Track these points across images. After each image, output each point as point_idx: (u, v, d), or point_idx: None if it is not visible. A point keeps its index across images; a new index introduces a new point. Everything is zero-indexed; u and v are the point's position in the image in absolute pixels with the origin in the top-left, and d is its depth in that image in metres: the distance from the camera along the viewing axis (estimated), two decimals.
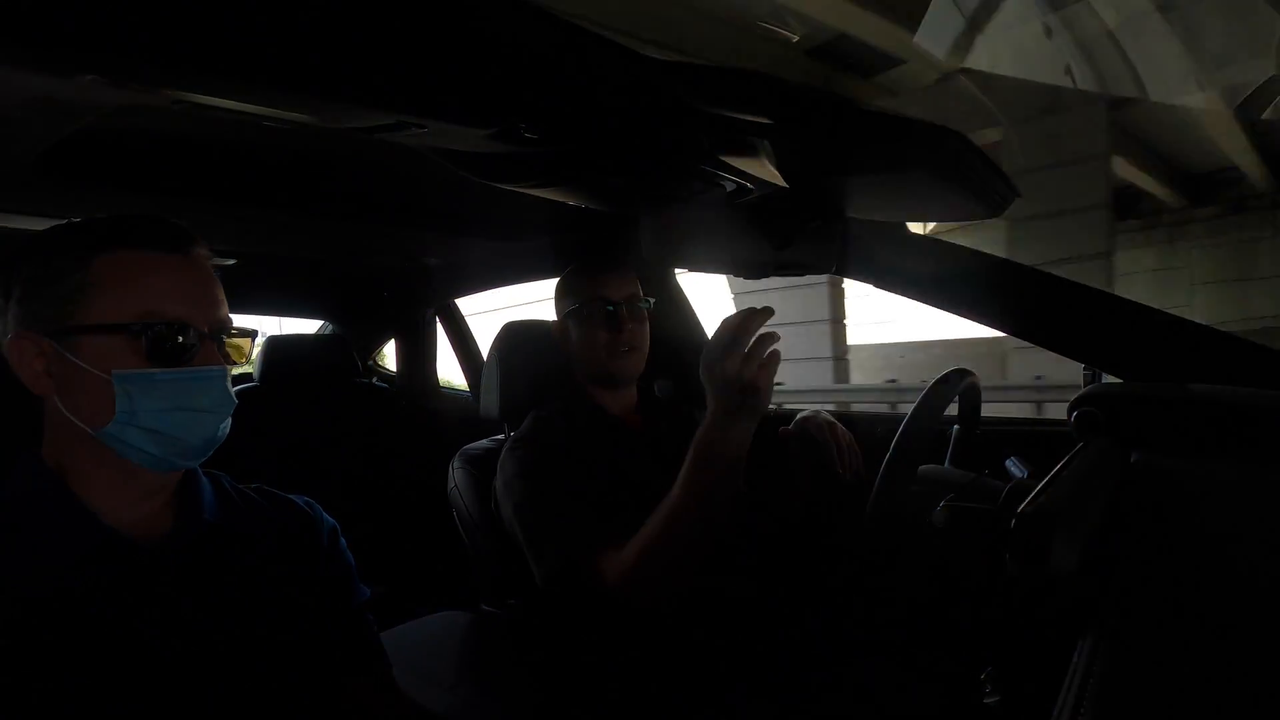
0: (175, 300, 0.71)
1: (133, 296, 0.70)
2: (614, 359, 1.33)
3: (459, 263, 1.95)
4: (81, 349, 0.69)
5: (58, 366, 0.70)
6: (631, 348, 1.34)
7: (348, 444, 2.37)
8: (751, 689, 1.09)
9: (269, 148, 1.00)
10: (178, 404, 0.71)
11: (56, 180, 0.96)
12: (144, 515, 0.75)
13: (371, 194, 1.29)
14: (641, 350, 1.36)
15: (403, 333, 2.65)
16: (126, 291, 0.70)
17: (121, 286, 0.70)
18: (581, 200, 1.11)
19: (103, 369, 0.69)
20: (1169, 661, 0.39)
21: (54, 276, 0.69)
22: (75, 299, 0.69)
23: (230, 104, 0.65)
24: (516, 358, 1.42)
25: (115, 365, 0.69)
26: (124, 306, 0.69)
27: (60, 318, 0.69)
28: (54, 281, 0.69)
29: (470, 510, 1.32)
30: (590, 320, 1.33)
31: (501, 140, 0.77)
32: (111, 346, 0.69)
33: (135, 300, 0.70)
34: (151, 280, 0.71)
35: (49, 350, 0.69)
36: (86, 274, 0.70)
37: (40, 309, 0.70)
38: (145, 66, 0.54)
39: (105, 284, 0.70)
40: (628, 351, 1.34)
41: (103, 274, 0.70)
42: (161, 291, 0.71)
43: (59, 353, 0.69)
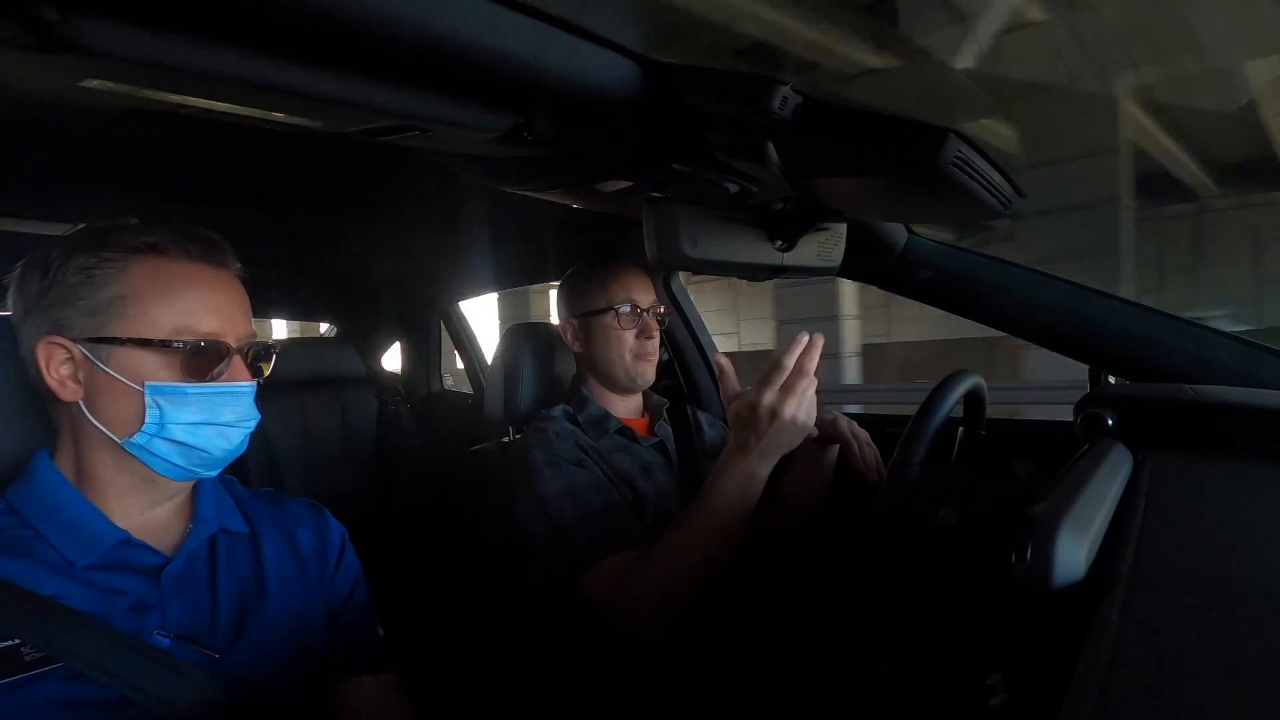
0: (209, 315, 0.72)
1: (169, 310, 0.70)
2: (638, 364, 1.33)
3: (462, 266, 1.95)
4: (115, 359, 0.69)
5: (88, 374, 0.70)
6: (654, 354, 1.35)
7: (353, 447, 2.38)
8: (751, 691, 1.08)
9: (275, 151, 1.01)
10: (206, 418, 0.72)
11: (64, 184, 0.97)
12: (157, 520, 0.76)
13: (376, 198, 1.29)
14: (657, 356, 1.37)
15: (407, 335, 2.66)
16: (162, 305, 0.70)
17: (157, 300, 0.70)
18: (584, 203, 1.12)
19: (135, 380, 0.69)
20: (1176, 664, 0.39)
21: (90, 285, 0.70)
22: (111, 309, 0.69)
23: (236, 109, 0.65)
24: (522, 360, 1.42)
25: (148, 378, 0.70)
26: (160, 321, 0.70)
27: (95, 327, 0.69)
28: (90, 290, 0.70)
29: (475, 512, 1.32)
30: (618, 324, 1.32)
31: (504, 143, 0.77)
32: (146, 359, 0.70)
33: (171, 314, 0.70)
34: (187, 294, 0.72)
35: (80, 357, 0.70)
36: (123, 284, 0.70)
37: (74, 316, 0.70)
38: (152, 72, 0.55)
39: (142, 296, 0.70)
40: (650, 357, 1.34)
41: (139, 285, 0.70)
42: (196, 306, 0.72)
43: (90, 361, 0.70)
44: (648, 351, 1.34)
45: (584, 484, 1.17)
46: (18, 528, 0.69)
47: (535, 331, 1.46)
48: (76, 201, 1.04)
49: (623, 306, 1.32)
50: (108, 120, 0.77)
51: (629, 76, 0.68)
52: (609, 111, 0.73)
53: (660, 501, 1.26)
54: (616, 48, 0.65)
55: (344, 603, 0.87)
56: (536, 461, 1.20)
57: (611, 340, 1.33)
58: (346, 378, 2.43)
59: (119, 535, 0.71)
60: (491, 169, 0.95)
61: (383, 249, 1.63)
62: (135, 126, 0.81)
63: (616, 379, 1.35)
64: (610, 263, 1.39)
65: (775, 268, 1.03)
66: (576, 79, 0.65)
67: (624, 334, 1.32)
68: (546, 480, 1.18)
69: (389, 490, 2.39)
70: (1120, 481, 0.73)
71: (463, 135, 0.75)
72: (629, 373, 1.34)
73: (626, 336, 1.33)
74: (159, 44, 0.51)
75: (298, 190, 1.20)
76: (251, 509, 0.85)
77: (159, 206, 1.09)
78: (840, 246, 1.14)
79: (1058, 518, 0.56)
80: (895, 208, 0.99)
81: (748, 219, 0.98)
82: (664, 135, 0.81)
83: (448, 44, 0.55)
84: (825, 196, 0.88)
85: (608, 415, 1.33)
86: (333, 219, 1.28)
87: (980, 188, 0.77)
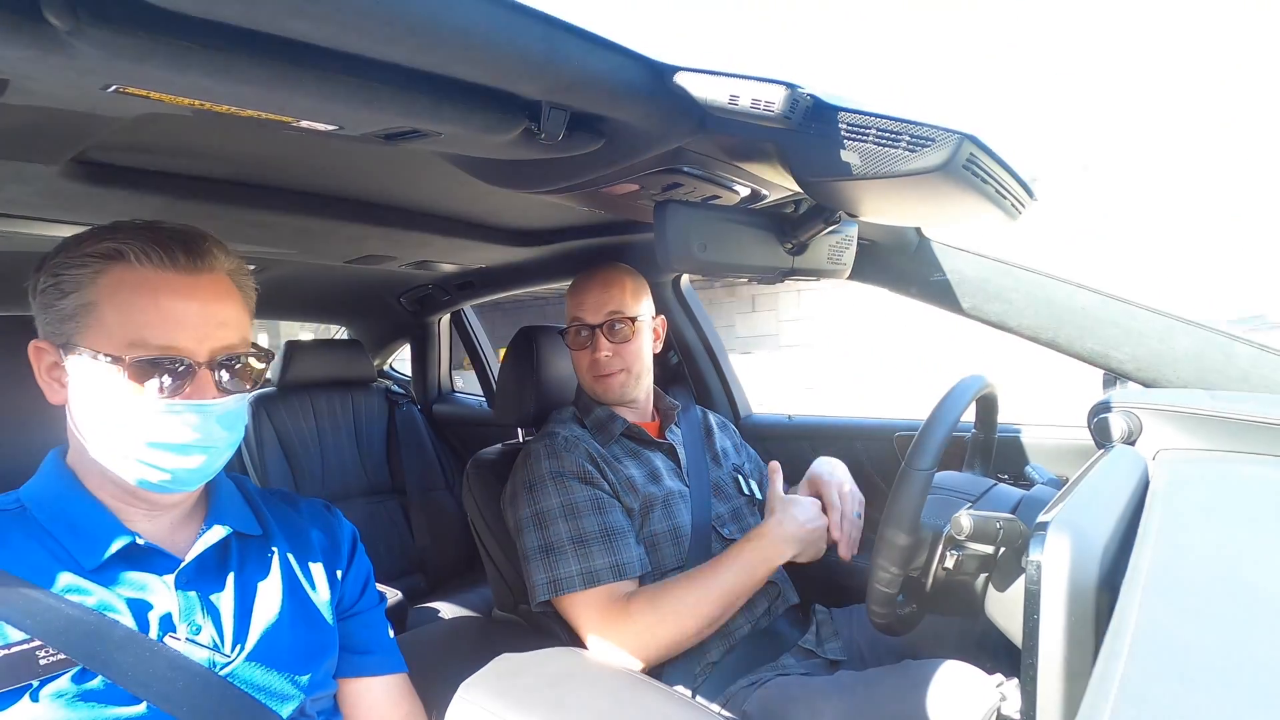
0: (169, 328, 0.68)
1: (124, 322, 0.67)
2: (596, 381, 1.32)
3: (472, 268, 1.96)
4: (79, 369, 0.68)
5: (69, 379, 0.70)
6: (612, 371, 1.30)
7: (364, 447, 2.39)
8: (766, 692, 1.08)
9: (287, 154, 1.01)
10: (164, 436, 0.68)
11: (82, 187, 0.98)
12: (168, 522, 0.76)
13: (387, 199, 1.30)
14: (631, 369, 1.32)
15: (417, 338, 2.67)
16: (119, 316, 0.67)
17: (115, 310, 0.67)
18: (594, 206, 1.12)
19: (96, 392, 0.68)
20: (1190, 668, 0.39)
21: (58, 291, 0.69)
22: (76, 317, 0.68)
23: (250, 112, 0.66)
24: (531, 363, 1.42)
25: (107, 392, 0.67)
26: (115, 333, 0.67)
27: (65, 334, 0.69)
28: (57, 296, 0.69)
29: (484, 514, 1.32)
30: (572, 343, 1.33)
31: (515, 147, 0.77)
32: (102, 372, 0.67)
33: (126, 327, 0.67)
34: (147, 304, 0.67)
35: (61, 362, 0.70)
36: (87, 292, 0.68)
37: (49, 321, 0.70)
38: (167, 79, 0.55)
39: (103, 305, 0.67)
40: (608, 376, 1.30)
41: (102, 294, 0.68)
42: (154, 318, 0.67)
43: (62, 368, 0.70)
44: (601, 370, 1.30)
45: (584, 503, 1.17)
46: (30, 526, 0.70)
47: (545, 334, 1.46)
48: (95, 203, 1.05)
49: (573, 324, 1.32)
50: (124, 122, 0.78)
51: (640, 79, 0.68)
52: (620, 113, 0.73)
53: (668, 506, 1.26)
54: (627, 51, 0.65)
55: (355, 604, 0.88)
56: (541, 473, 1.20)
57: (574, 356, 1.34)
58: (357, 379, 2.45)
59: (129, 537, 0.71)
60: (503, 172, 0.95)
61: (394, 252, 1.63)
62: (151, 128, 0.82)
63: (589, 392, 1.35)
64: (586, 272, 1.36)
65: (785, 270, 1.02)
66: (588, 82, 0.65)
67: (578, 354, 1.32)
68: (548, 494, 1.18)
69: (397, 491, 2.41)
70: (1133, 487, 0.72)
71: (474, 138, 0.75)
72: (591, 389, 1.34)
73: (581, 356, 1.32)
74: (173, 52, 0.52)
75: (311, 193, 1.21)
76: (264, 510, 0.85)
77: (174, 208, 1.10)
78: (851, 250, 1.13)
79: (1071, 523, 0.55)
80: (907, 211, 0.98)
81: (758, 221, 0.98)
82: (674, 138, 0.81)
83: (460, 47, 0.56)
84: (836, 200, 0.88)
85: (614, 417, 1.33)
86: (345, 222, 1.28)
87: (994, 191, 0.77)
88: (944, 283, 1.30)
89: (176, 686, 0.68)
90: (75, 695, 0.64)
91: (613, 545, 1.14)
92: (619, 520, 1.18)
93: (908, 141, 0.69)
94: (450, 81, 0.64)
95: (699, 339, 1.90)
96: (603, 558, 1.13)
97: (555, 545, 1.14)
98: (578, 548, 1.13)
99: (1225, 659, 0.40)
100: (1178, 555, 0.54)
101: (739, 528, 1.33)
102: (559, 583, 1.12)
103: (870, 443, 1.68)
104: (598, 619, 1.10)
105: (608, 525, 1.16)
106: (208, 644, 0.72)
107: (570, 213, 1.35)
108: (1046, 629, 0.52)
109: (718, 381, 1.92)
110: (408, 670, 0.90)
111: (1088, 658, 0.51)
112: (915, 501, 0.85)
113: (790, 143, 0.75)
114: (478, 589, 2.15)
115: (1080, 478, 0.75)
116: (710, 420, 1.51)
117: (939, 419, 0.91)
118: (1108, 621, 0.46)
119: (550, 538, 1.15)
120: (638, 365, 1.33)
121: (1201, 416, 0.89)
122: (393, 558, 2.25)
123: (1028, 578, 0.54)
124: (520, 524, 1.20)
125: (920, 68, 34.87)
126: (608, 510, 1.18)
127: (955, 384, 0.99)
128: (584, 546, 1.13)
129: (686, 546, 1.24)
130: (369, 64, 0.59)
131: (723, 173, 0.98)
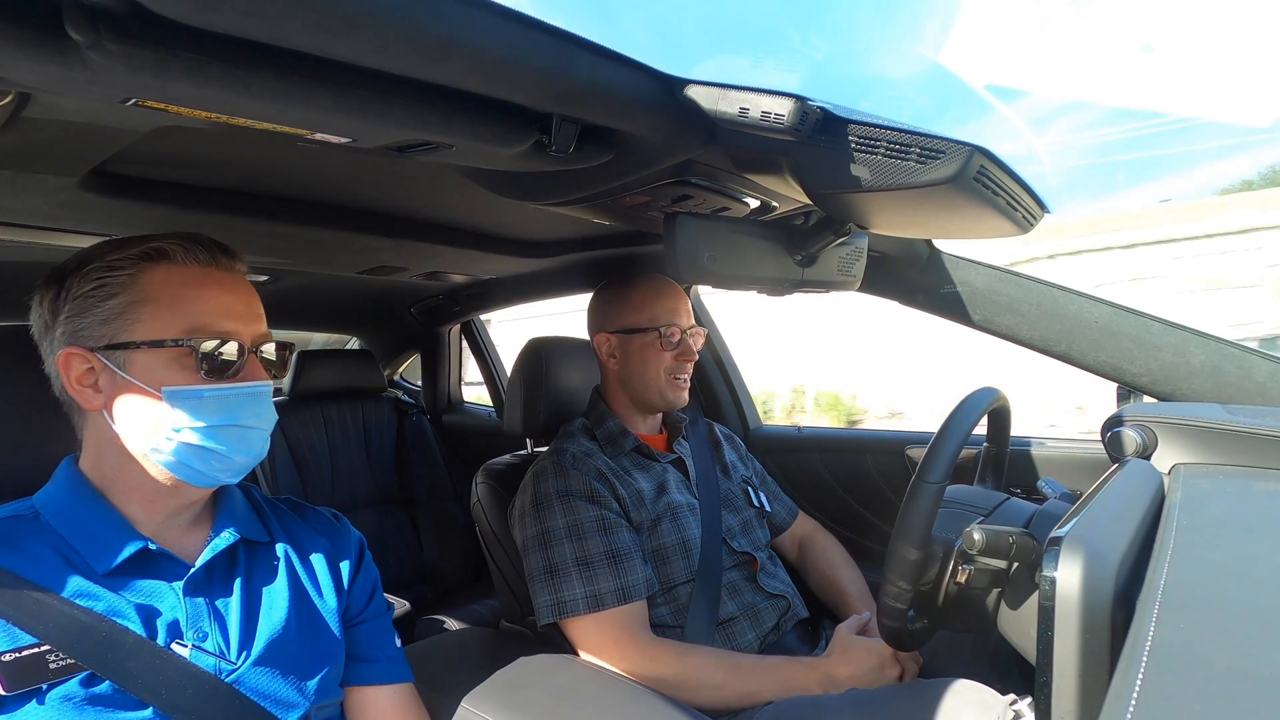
0: (221, 316, 0.73)
1: (180, 313, 0.71)
2: (672, 388, 1.33)
3: (483, 279, 1.97)
4: (133, 365, 0.71)
5: (108, 382, 0.71)
6: (688, 377, 1.35)
7: (373, 457, 2.40)
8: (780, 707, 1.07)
9: (300, 167, 1.03)
10: (226, 420, 0.72)
11: (99, 198, 0.99)
12: (179, 528, 0.77)
13: (398, 211, 1.31)
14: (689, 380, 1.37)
15: (427, 348, 2.69)
16: (174, 308, 0.71)
17: (169, 303, 0.72)
18: (605, 218, 1.12)
19: (153, 385, 0.70)
20: (1207, 686, 0.38)
21: (103, 293, 0.71)
22: (125, 315, 0.71)
23: (265, 125, 0.67)
24: (540, 374, 1.43)
25: (164, 382, 0.70)
26: (173, 322, 0.71)
27: (110, 334, 0.71)
28: (104, 298, 0.71)
29: (492, 525, 1.32)
30: (659, 344, 1.31)
31: (526, 159, 0.78)
32: (161, 363, 0.71)
33: (183, 316, 0.71)
34: (198, 295, 0.73)
35: (99, 366, 0.71)
36: (134, 291, 0.71)
37: (89, 325, 0.71)
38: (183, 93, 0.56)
39: (153, 300, 0.71)
40: (685, 381, 1.34)
41: (151, 290, 0.72)
42: (206, 307, 0.73)
43: (109, 369, 0.71)
44: (684, 374, 1.34)
45: (589, 524, 1.17)
46: (43, 532, 0.71)
47: (554, 345, 1.46)
48: (111, 214, 1.07)
49: (667, 328, 1.31)
50: (141, 134, 0.79)
51: (650, 92, 0.69)
52: (630, 126, 0.74)
53: (677, 518, 1.25)
54: (637, 64, 0.66)
55: (361, 611, 0.88)
56: (548, 491, 1.20)
57: (650, 360, 1.32)
58: (368, 389, 2.46)
59: (140, 543, 0.72)
60: (514, 183, 0.96)
61: (404, 263, 1.65)
62: (168, 141, 0.83)
63: (649, 399, 1.34)
64: (652, 279, 1.37)
65: (795, 282, 1.02)
66: (598, 95, 0.66)
67: (664, 355, 1.32)
68: (554, 513, 1.18)
69: (407, 501, 2.41)
70: (1148, 501, 0.71)
71: (485, 150, 0.76)
72: (663, 395, 1.33)
73: (666, 358, 1.32)
74: (192, 66, 0.52)
75: (323, 205, 1.22)
76: (272, 517, 0.85)
77: (189, 220, 1.11)
78: (861, 262, 1.13)
79: (1085, 539, 0.55)
80: (917, 224, 0.98)
81: (768, 233, 0.98)
82: (684, 150, 0.81)
83: (473, 62, 0.56)
84: (846, 212, 0.88)
85: (625, 432, 1.33)
86: (357, 233, 1.30)
87: (1004, 203, 0.77)
88: (954, 295, 1.30)
89: (185, 694, 0.68)
90: (83, 699, 0.65)
91: (618, 567, 1.14)
92: (625, 541, 1.17)
93: (918, 154, 0.69)
94: (462, 94, 0.64)
95: (709, 351, 1.90)
96: (608, 581, 1.12)
97: (560, 567, 1.14)
98: (582, 570, 1.13)
99: (1243, 676, 0.39)
100: (1194, 571, 0.53)
101: (749, 540, 1.33)
102: (563, 605, 1.12)
103: (881, 456, 1.67)
104: (601, 643, 1.10)
105: (614, 546, 1.15)
106: (214, 651, 0.72)
107: (580, 225, 1.35)
108: (1060, 646, 0.51)
109: (728, 394, 1.92)
110: (414, 680, 0.90)
111: (1103, 675, 0.50)
112: (926, 515, 0.85)
113: (800, 155, 0.75)
114: (485, 600, 2.15)
115: (1094, 492, 0.74)
116: (717, 433, 1.51)
117: (951, 431, 0.90)
118: (1123, 638, 0.45)
119: (555, 559, 1.15)
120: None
121: (1217, 431, 0.88)
122: (401, 568, 2.26)
123: (1041, 593, 0.54)
124: (526, 543, 1.19)
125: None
126: (614, 531, 1.17)
127: (967, 396, 0.98)
128: (589, 569, 1.13)
129: (696, 559, 1.23)
130: (382, 78, 0.59)
131: (733, 185, 0.98)
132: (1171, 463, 0.90)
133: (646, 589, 1.15)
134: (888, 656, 1.11)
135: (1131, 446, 0.94)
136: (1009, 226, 0.84)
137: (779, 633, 1.25)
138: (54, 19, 0.48)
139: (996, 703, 0.91)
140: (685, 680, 1.07)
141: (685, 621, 1.18)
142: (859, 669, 1.09)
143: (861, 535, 1.67)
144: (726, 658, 1.11)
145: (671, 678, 1.07)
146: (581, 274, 1.74)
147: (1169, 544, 0.57)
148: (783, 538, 1.51)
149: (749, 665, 1.10)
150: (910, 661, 1.13)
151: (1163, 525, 0.63)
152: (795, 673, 1.09)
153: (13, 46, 0.49)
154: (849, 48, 3.00)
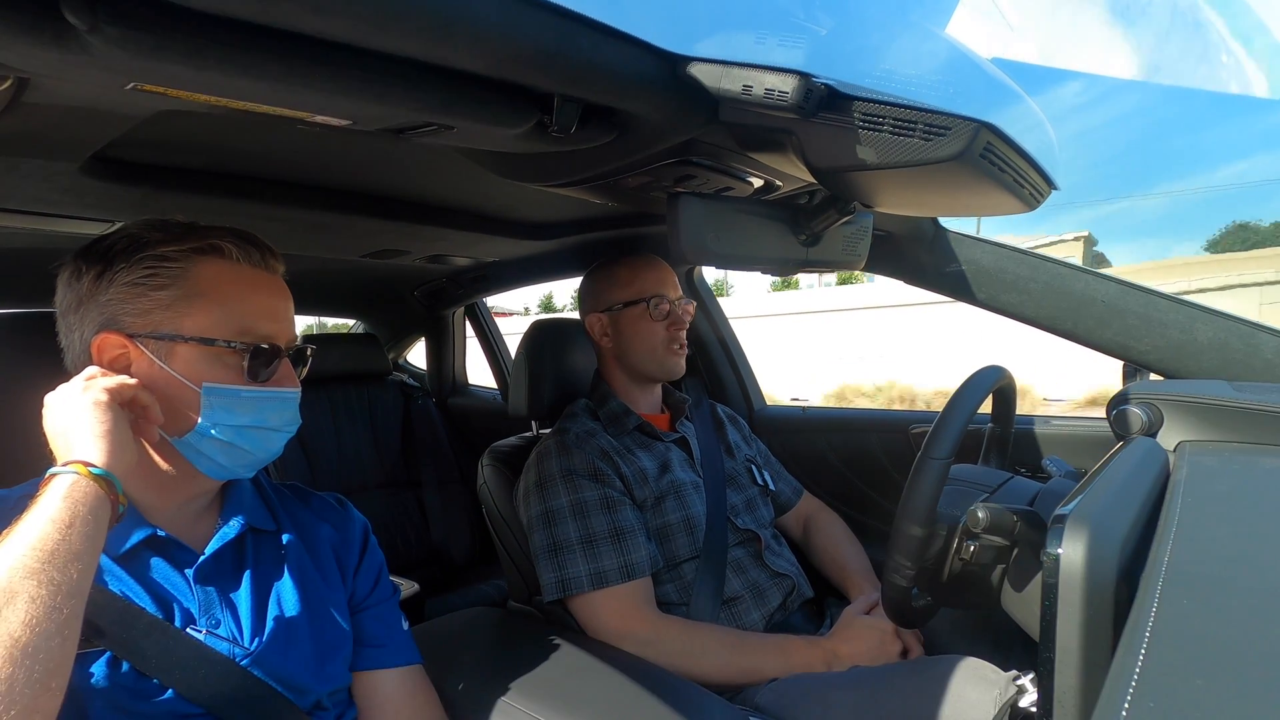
0: (267, 319, 0.75)
1: (232, 312, 0.72)
2: (670, 356, 1.35)
3: (486, 262, 1.97)
4: (175, 357, 0.71)
5: (142, 369, 0.71)
6: (684, 345, 1.37)
7: (380, 440, 2.41)
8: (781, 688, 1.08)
9: (302, 151, 1.02)
10: (255, 421, 0.74)
11: (102, 184, 0.99)
12: (188, 516, 0.78)
13: (400, 193, 1.30)
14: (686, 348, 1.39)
15: (431, 331, 2.69)
16: (226, 307, 0.72)
17: (221, 301, 0.72)
18: (608, 199, 1.12)
19: (193, 379, 0.71)
20: (1210, 662, 0.38)
21: (154, 282, 0.71)
22: (174, 308, 0.71)
23: (265, 108, 0.66)
24: (544, 356, 1.43)
25: (205, 377, 0.71)
26: (223, 320, 0.72)
27: (156, 324, 0.71)
28: (154, 287, 0.71)
29: (499, 507, 1.33)
30: (651, 315, 1.34)
31: (528, 140, 0.77)
32: (205, 359, 0.72)
33: (234, 316, 0.72)
34: (249, 296, 0.74)
35: (136, 353, 0.71)
36: (187, 284, 0.71)
37: (134, 312, 0.71)
38: (183, 76, 0.56)
39: (206, 296, 0.72)
40: (682, 349, 1.36)
41: (203, 286, 0.72)
42: (256, 309, 0.74)
43: (146, 356, 0.71)
44: (680, 342, 1.35)
45: (593, 502, 1.18)
46: None
47: (557, 328, 1.47)
48: (115, 200, 1.06)
49: (655, 299, 1.33)
50: (143, 119, 0.79)
51: (652, 70, 0.68)
52: (632, 105, 0.73)
53: (681, 495, 1.26)
54: (639, 42, 0.65)
55: (367, 596, 0.89)
56: (551, 470, 1.21)
57: (643, 332, 1.34)
58: (373, 373, 2.47)
59: (149, 530, 0.72)
60: (516, 165, 0.96)
61: (408, 246, 1.64)
62: (169, 125, 0.83)
63: (648, 371, 1.36)
64: (637, 256, 1.39)
65: (800, 262, 1.02)
66: (600, 74, 0.65)
67: (656, 325, 1.33)
68: (558, 492, 1.19)
69: (412, 484, 2.43)
70: (1153, 479, 0.71)
71: (487, 131, 0.75)
72: (661, 364, 1.35)
73: (659, 328, 1.34)
74: (190, 49, 0.52)
75: (325, 188, 1.22)
76: (277, 504, 0.86)
77: (192, 204, 1.11)
78: (866, 240, 1.12)
79: (1089, 516, 0.55)
80: (922, 202, 0.97)
81: (771, 213, 0.97)
82: (687, 129, 0.80)
83: (473, 40, 0.56)
84: (851, 190, 0.87)
85: (628, 411, 1.33)
86: (360, 217, 1.29)
87: (1011, 180, 0.76)
88: (960, 273, 1.29)
89: (199, 675, 0.69)
90: (101, 679, 0.66)
91: (622, 545, 1.15)
92: (628, 519, 1.18)
93: (923, 130, 0.68)
94: (462, 75, 0.64)
95: (712, 331, 1.90)
96: (611, 558, 1.14)
97: (564, 544, 1.16)
98: (586, 548, 1.14)
99: (1246, 653, 0.39)
100: (1198, 548, 0.53)
101: (753, 518, 1.34)
102: (567, 583, 1.14)
103: (885, 435, 1.67)
104: (606, 620, 1.11)
105: (617, 524, 1.17)
106: (227, 637, 0.73)
107: (583, 206, 1.35)
108: (1064, 622, 0.52)
109: (731, 374, 1.92)
110: (422, 661, 0.91)
111: (1106, 651, 0.51)
112: (931, 492, 0.85)
113: (804, 133, 0.74)
114: (493, 580, 2.17)
115: (1099, 470, 0.74)
116: (720, 414, 1.52)
117: (957, 408, 0.90)
118: (1126, 615, 0.45)
119: (559, 537, 1.16)
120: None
121: (1224, 408, 0.88)
122: (409, 550, 2.28)
123: (1045, 571, 0.54)
124: (531, 522, 1.21)
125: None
126: (617, 509, 1.18)
127: (973, 374, 0.98)
128: (592, 547, 1.14)
129: (701, 536, 1.24)
130: (382, 59, 0.59)
131: (736, 164, 0.97)
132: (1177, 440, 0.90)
133: (650, 566, 1.16)
134: (890, 634, 1.12)
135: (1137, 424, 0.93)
136: (1016, 204, 0.83)
137: (785, 612, 1.26)
138: (51, 3, 0.48)
139: (999, 679, 0.92)
140: (690, 656, 1.08)
141: (690, 599, 1.19)
142: (862, 646, 1.10)
143: (866, 514, 1.68)
144: (731, 634, 1.13)
145: (676, 654, 1.08)
146: (585, 255, 1.74)
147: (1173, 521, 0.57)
148: (787, 517, 1.51)
149: (753, 642, 1.12)
150: (913, 639, 1.14)
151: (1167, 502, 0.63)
152: (799, 650, 1.11)
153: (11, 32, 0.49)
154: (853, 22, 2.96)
